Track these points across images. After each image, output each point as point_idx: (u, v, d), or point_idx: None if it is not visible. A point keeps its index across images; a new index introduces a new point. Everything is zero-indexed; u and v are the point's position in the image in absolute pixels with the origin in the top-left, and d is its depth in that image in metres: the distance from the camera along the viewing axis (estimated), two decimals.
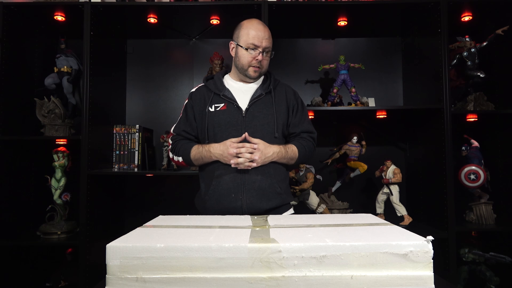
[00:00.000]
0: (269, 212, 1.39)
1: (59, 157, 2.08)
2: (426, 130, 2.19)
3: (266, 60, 1.46)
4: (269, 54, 1.47)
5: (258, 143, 1.35)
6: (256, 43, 1.41)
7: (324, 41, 2.53)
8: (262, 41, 1.41)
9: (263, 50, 1.43)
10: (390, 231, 0.83)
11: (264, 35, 1.42)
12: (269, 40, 1.44)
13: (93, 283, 1.94)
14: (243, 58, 1.44)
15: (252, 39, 1.41)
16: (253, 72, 1.45)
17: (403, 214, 2.13)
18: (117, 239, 0.77)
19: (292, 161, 1.47)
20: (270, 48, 1.46)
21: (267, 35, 1.44)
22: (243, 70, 1.46)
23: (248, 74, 1.46)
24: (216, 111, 1.44)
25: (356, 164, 2.23)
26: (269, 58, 1.48)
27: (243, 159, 1.33)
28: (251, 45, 1.42)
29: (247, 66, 1.44)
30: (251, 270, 0.71)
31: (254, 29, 1.43)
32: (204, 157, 1.41)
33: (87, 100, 1.97)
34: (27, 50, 2.18)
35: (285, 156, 1.42)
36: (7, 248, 1.99)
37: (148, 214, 1.32)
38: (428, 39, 2.11)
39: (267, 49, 1.44)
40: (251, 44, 1.41)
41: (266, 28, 1.46)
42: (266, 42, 1.42)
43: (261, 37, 1.41)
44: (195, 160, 1.45)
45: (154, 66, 2.51)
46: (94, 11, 2.00)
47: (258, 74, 1.46)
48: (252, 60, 1.43)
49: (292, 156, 1.45)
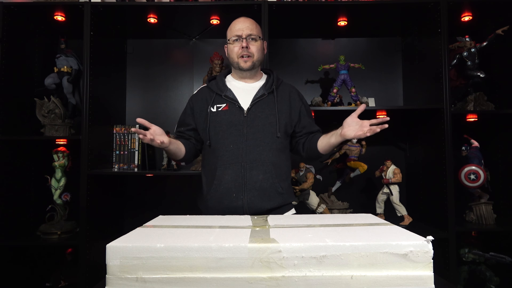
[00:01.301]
0: (271, 212, 1.39)
1: (59, 157, 2.08)
2: (426, 130, 2.19)
3: (254, 46, 1.46)
4: (258, 42, 1.47)
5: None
6: (238, 33, 1.45)
7: (324, 41, 2.53)
8: (244, 30, 1.45)
9: (246, 37, 1.44)
10: (390, 231, 0.83)
11: (244, 25, 1.46)
12: (251, 28, 1.46)
13: (93, 283, 1.94)
14: (232, 52, 1.47)
15: (235, 31, 1.46)
16: (244, 62, 1.45)
17: (403, 214, 2.13)
18: (117, 239, 0.77)
19: (329, 150, 1.45)
20: (255, 35, 1.46)
21: (248, 23, 1.47)
22: (236, 64, 1.48)
23: (240, 67, 1.46)
24: (218, 112, 1.44)
25: (356, 164, 2.23)
26: (258, 46, 1.47)
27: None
28: (234, 37, 1.45)
29: (237, 58, 1.46)
30: (251, 270, 0.71)
31: (236, 23, 1.48)
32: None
33: (87, 100, 1.97)
34: (27, 50, 2.18)
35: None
36: (7, 248, 1.99)
37: (148, 214, 1.32)
38: (428, 39, 2.11)
39: (250, 36, 1.45)
40: (234, 36, 1.45)
41: (248, 19, 1.49)
42: (248, 30, 1.45)
43: (242, 27, 1.45)
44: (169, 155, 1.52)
45: (154, 66, 2.51)
46: (94, 11, 2.00)
47: (250, 63, 1.46)
48: (238, 50, 1.45)
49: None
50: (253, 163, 1.38)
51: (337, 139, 1.37)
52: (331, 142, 1.40)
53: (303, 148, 1.52)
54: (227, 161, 1.39)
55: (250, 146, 1.39)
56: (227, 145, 1.40)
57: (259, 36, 1.48)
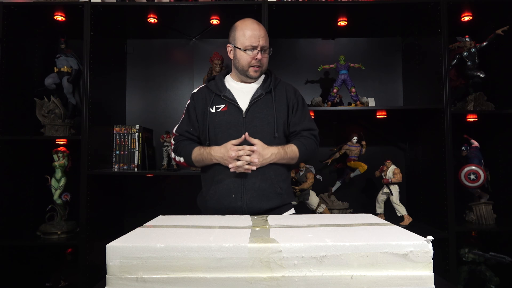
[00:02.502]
0: (270, 212, 1.39)
1: (59, 157, 2.08)
2: (426, 130, 2.19)
3: (265, 58, 1.46)
4: (267, 51, 1.47)
5: (257, 144, 1.35)
6: (254, 43, 1.41)
7: (324, 41, 2.53)
8: (259, 40, 1.42)
9: (261, 49, 1.43)
10: (390, 231, 0.83)
11: (260, 34, 1.42)
12: (265, 38, 1.44)
13: (93, 283, 1.94)
14: (242, 59, 1.44)
15: (249, 39, 1.41)
16: (254, 72, 1.45)
17: (403, 214, 2.13)
18: (117, 239, 0.77)
19: (293, 161, 1.46)
20: (268, 46, 1.46)
21: (263, 33, 1.44)
22: (243, 71, 1.46)
23: (249, 75, 1.46)
24: (217, 112, 1.44)
25: (356, 164, 2.23)
26: (267, 56, 1.48)
27: (242, 161, 1.33)
28: (249, 46, 1.42)
29: (247, 67, 1.44)
30: (251, 270, 0.71)
31: (249, 29, 1.43)
32: (205, 159, 1.41)
33: (87, 100, 1.97)
34: (27, 50, 2.18)
35: (284, 156, 1.41)
36: (7, 248, 1.99)
37: (148, 214, 1.32)
38: (428, 39, 2.11)
39: (264, 47, 1.44)
40: (248, 46, 1.42)
41: (261, 26, 1.46)
42: (263, 41, 1.43)
43: (257, 36, 1.41)
44: (196, 162, 1.45)
45: (154, 66, 2.51)
46: (94, 11, 1.99)
47: (259, 73, 1.46)
48: (251, 61, 1.43)
49: (292, 156, 1.43)
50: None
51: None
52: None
53: None
54: None
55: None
56: None
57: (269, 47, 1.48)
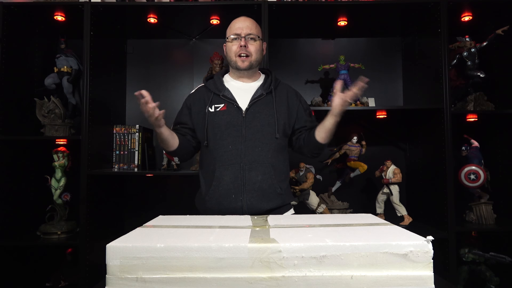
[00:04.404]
0: (270, 212, 1.39)
1: (59, 157, 2.08)
2: (426, 130, 2.19)
3: (253, 46, 1.45)
4: (257, 42, 1.46)
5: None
6: (237, 32, 1.45)
7: (324, 41, 2.53)
8: (243, 28, 1.44)
9: (245, 36, 1.44)
10: (390, 231, 0.83)
11: (244, 24, 1.46)
12: (250, 27, 1.46)
13: (93, 283, 1.94)
14: (229, 50, 1.47)
15: (234, 30, 1.46)
16: (241, 62, 1.44)
17: (403, 214, 2.13)
18: (117, 239, 0.77)
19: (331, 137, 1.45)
20: (255, 35, 1.46)
21: (248, 23, 1.47)
22: (233, 63, 1.47)
23: (237, 66, 1.46)
24: (216, 112, 1.43)
25: (356, 164, 2.23)
26: (257, 46, 1.47)
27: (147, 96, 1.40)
28: (233, 35, 1.45)
29: (234, 56, 1.45)
30: (251, 270, 0.71)
31: (235, 21, 1.48)
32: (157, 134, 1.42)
33: (87, 100, 1.97)
34: (27, 50, 2.18)
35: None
36: (7, 248, 1.99)
37: (148, 214, 1.32)
38: (428, 39, 2.11)
39: (250, 35, 1.44)
40: (233, 34, 1.45)
41: (248, 18, 1.49)
42: (247, 29, 1.45)
43: (242, 26, 1.45)
44: (160, 142, 1.45)
45: (154, 66, 2.51)
46: (94, 11, 1.99)
47: (248, 63, 1.45)
48: (236, 49, 1.44)
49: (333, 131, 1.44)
50: (252, 164, 1.38)
51: (330, 119, 1.39)
52: (325, 125, 1.40)
53: (304, 143, 1.49)
54: (226, 162, 1.39)
55: (249, 147, 1.39)
56: (225, 146, 1.40)
57: (258, 36, 1.47)
